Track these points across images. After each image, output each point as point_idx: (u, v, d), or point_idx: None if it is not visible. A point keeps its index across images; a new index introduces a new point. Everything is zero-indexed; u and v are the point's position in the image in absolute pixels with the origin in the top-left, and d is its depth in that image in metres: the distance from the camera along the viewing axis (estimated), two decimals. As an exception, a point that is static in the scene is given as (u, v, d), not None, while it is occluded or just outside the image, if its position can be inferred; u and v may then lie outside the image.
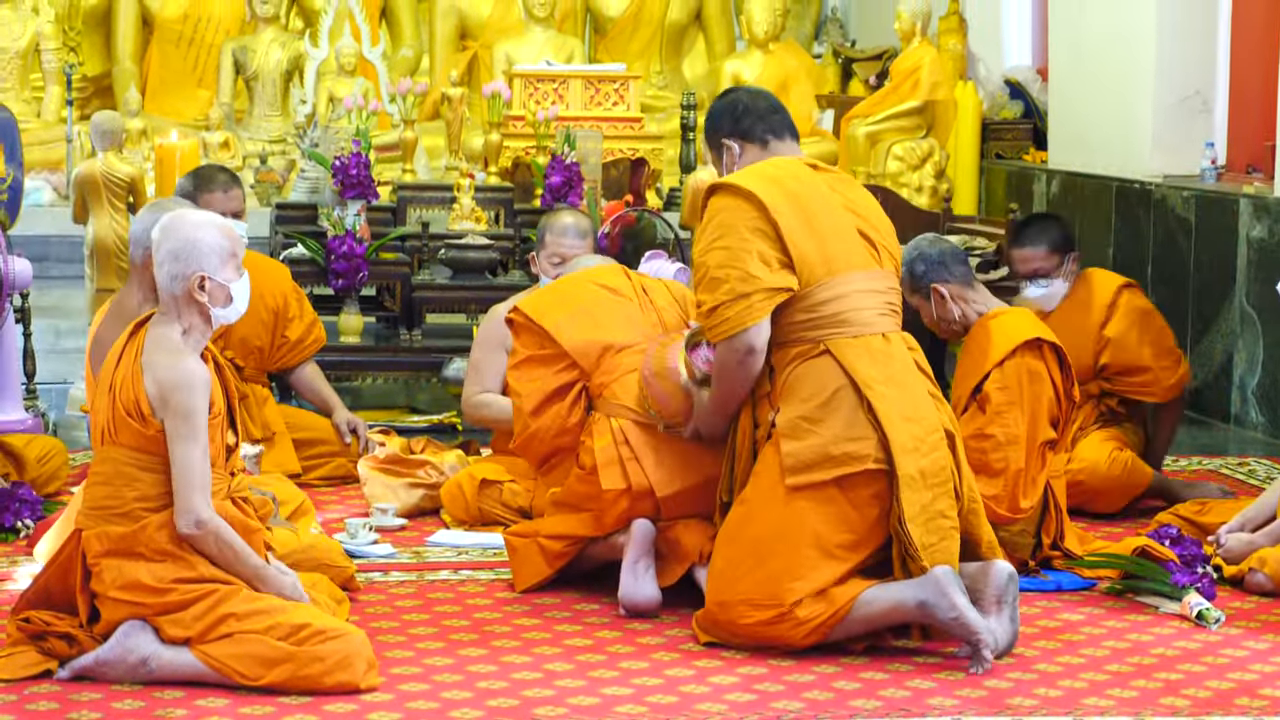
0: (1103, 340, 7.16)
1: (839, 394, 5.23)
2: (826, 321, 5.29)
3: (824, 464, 5.19)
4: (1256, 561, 5.97)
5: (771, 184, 5.36)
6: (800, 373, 5.28)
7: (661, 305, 6.08)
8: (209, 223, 5.08)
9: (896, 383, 5.26)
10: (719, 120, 5.61)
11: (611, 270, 6.23)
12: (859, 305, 5.31)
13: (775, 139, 5.56)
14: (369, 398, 9.29)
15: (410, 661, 5.14)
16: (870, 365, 5.25)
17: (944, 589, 5.08)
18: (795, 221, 5.30)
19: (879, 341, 5.31)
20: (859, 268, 5.35)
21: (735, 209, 5.35)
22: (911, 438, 5.21)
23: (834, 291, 5.29)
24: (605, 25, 14.26)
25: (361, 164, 8.68)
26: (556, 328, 5.94)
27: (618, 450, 5.73)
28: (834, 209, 5.40)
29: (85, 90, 13.46)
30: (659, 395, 5.69)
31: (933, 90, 11.92)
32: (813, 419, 5.22)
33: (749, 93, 5.72)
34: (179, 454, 4.90)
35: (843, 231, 5.37)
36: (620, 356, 5.90)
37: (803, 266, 5.27)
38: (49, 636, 4.97)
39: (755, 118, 5.56)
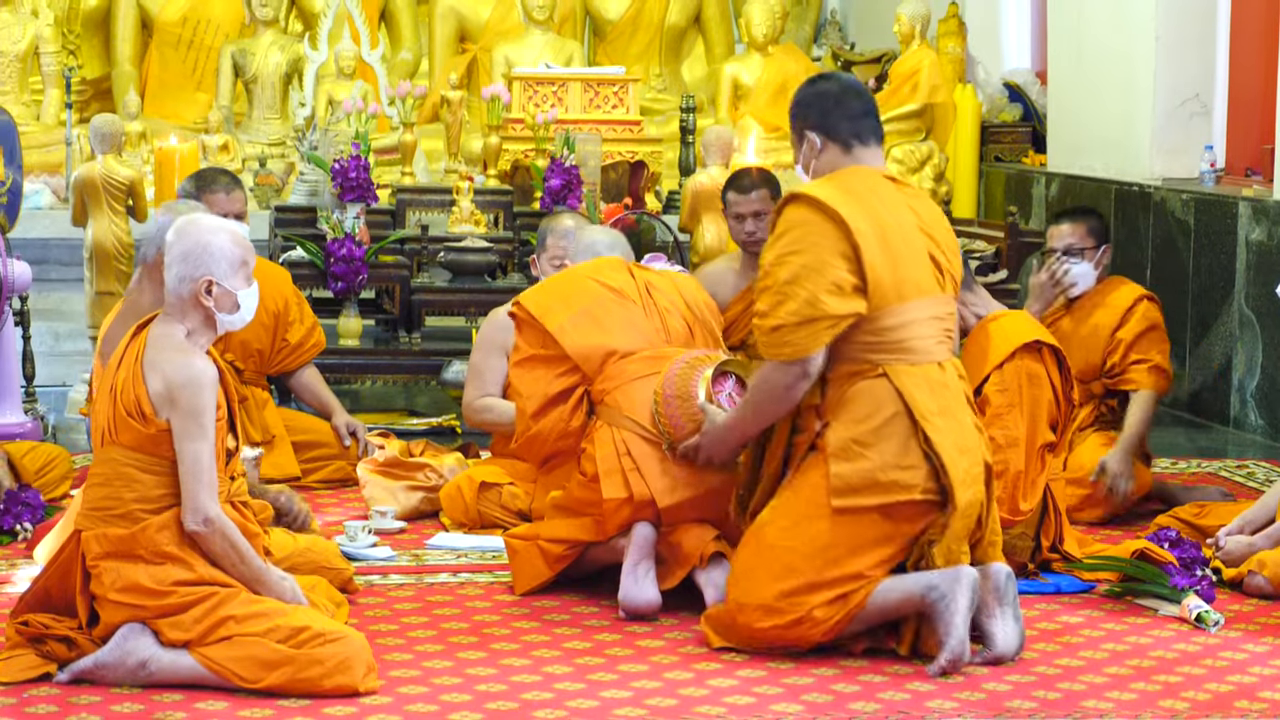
0: (1114, 342, 7.20)
1: (894, 420, 5.15)
2: (889, 347, 5.18)
3: (871, 489, 5.12)
4: (1256, 564, 5.97)
5: (856, 202, 5.20)
6: (856, 392, 5.19)
7: (665, 306, 6.04)
8: (223, 229, 5.09)
9: (950, 414, 5.20)
10: (806, 109, 5.36)
11: (615, 266, 6.15)
12: (921, 333, 5.22)
13: (860, 144, 5.35)
14: (368, 401, 9.29)
15: (409, 664, 5.14)
16: (927, 396, 5.17)
17: (959, 581, 5.08)
18: (875, 245, 5.16)
19: (935, 371, 5.23)
20: (925, 294, 5.24)
21: (816, 226, 5.17)
22: (965, 471, 5.16)
23: (900, 319, 5.19)
24: (604, 28, 14.25)
25: (361, 167, 8.68)
26: (560, 330, 5.92)
27: (619, 461, 5.72)
28: (910, 231, 5.27)
29: (84, 93, 13.45)
30: (673, 417, 5.67)
31: (932, 93, 11.92)
32: (864, 442, 5.14)
33: (843, 86, 5.40)
34: (187, 452, 4.91)
35: (916, 255, 5.25)
36: (623, 363, 5.88)
37: (875, 292, 5.15)
38: (48, 639, 4.97)
39: (845, 116, 5.33)
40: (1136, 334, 7.20)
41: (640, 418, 5.74)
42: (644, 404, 5.75)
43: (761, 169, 8.21)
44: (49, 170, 12.48)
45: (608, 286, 6.03)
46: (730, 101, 13.28)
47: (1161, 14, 10.05)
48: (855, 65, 14.04)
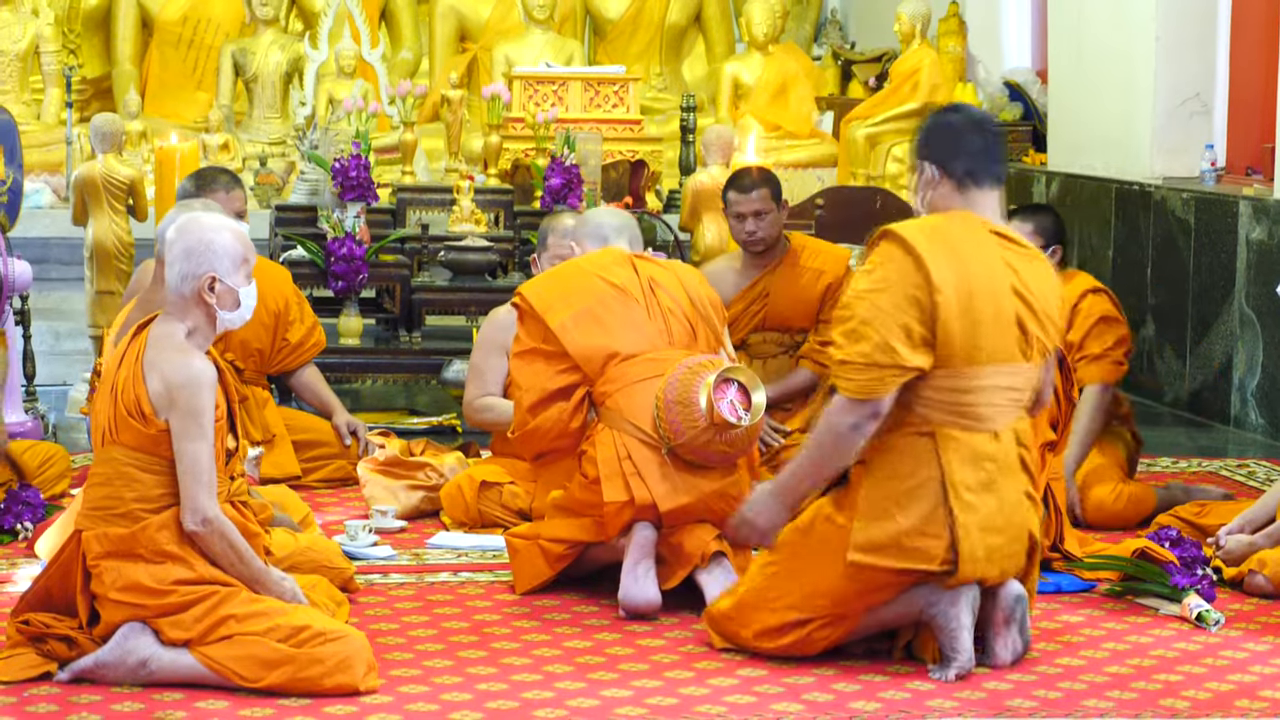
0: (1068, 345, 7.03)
1: (927, 485, 5.00)
2: (946, 408, 5.03)
3: (891, 551, 5.01)
4: (1256, 563, 5.97)
5: (949, 253, 5.03)
6: (900, 448, 5.05)
7: (668, 306, 5.99)
8: (224, 226, 5.09)
9: (992, 489, 5.04)
10: (928, 139, 5.20)
11: (619, 261, 6.07)
12: (985, 401, 5.05)
13: (975, 186, 5.16)
14: (369, 400, 9.29)
15: (410, 663, 5.14)
16: (968, 469, 5.01)
17: (959, 598, 5.04)
18: (955, 302, 4.98)
19: (987, 442, 5.05)
20: (1001, 362, 5.06)
21: (901, 266, 5.00)
22: (985, 548, 5.01)
23: (963, 384, 5.03)
24: (605, 27, 14.26)
25: (361, 166, 8.68)
26: (561, 328, 5.89)
27: (620, 465, 5.71)
28: (1000, 293, 5.06)
29: (85, 92, 13.46)
30: (674, 423, 5.67)
31: (932, 92, 11.93)
32: (895, 501, 5.02)
33: (970, 121, 5.23)
34: (186, 452, 4.91)
35: (1000, 319, 5.05)
36: (625, 366, 5.86)
37: (943, 349, 4.99)
38: (49, 638, 4.97)
39: (963, 153, 5.15)
40: (1084, 333, 7.07)
41: (641, 422, 5.74)
42: (645, 408, 5.74)
43: (762, 168, 8.21)
44: (49, 169, 12.49)
45: (611, 284, 5.98)
46: (731, 100, 13.29)
47: (1162, 13, 10.04)
48: (856, 64, 14.05)
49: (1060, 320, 5.27)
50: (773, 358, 7.88)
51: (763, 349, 7.89)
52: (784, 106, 13.26)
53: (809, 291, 7.82)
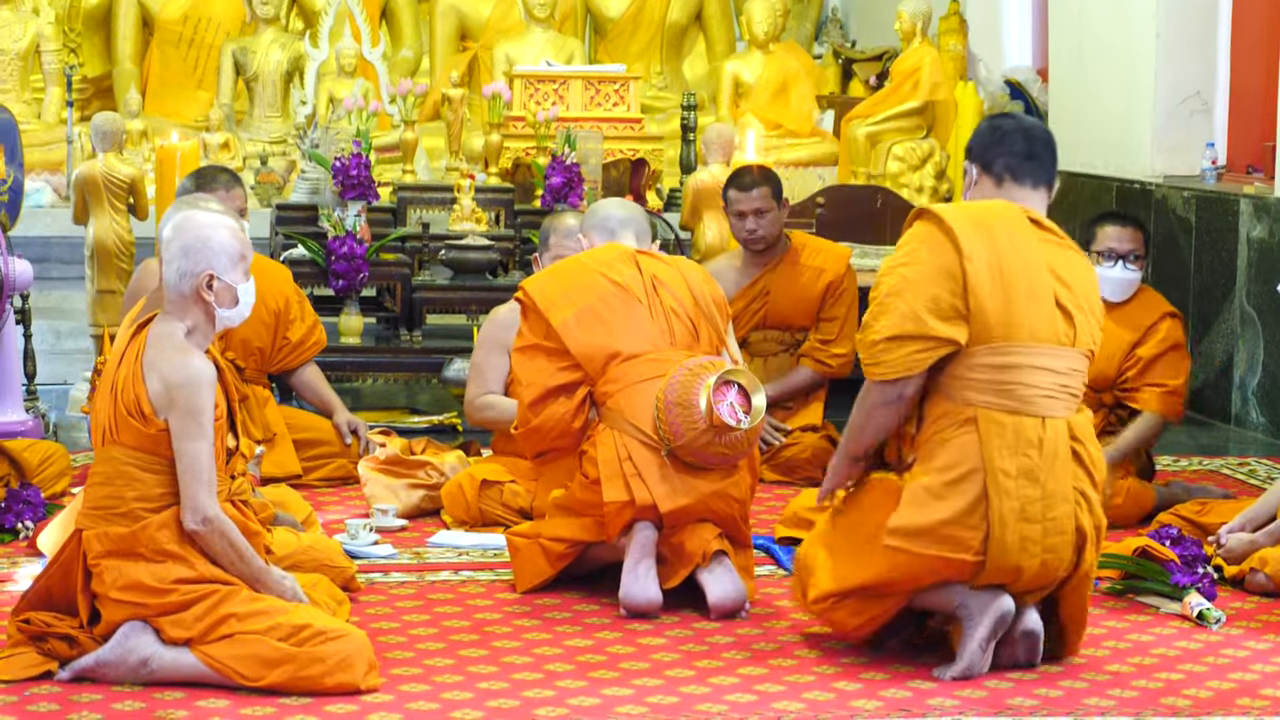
0: (1133, 357, 7.04)
1: (970, 476, 4.97)
2: (986, 387, 5.00)
3: (928, 539, 5.00)
4: (1258, 561, 5.97)
5: (977, 226, 5.05)
6: (942, 440, 5.02)
7: (671, 306, 5.97)
8: (221, 223, 5.09)
9: (1034, 478, 4.99)
10: (974, 140, 5.28)
11: (623, 258, 6.05)
12: (1027, 381, 5.01)
13: (1014, 182, 5.18)
14: (369, 399, 9.29)
15: (411, 662, 5.14)
16: (1009, 455, 4.97)
17: (987, 609, 5.01)
18: (985, 273, 5.00)
19: (1033, 427, 5.00)
20: (1043, 341, 5.03)
21: (930, 240, 5.05)
22: (1019, 536, 4.97)
23: (1004, 359, 5.00)
24: (605, 26, 14.25)
25: (362, 165, 8.68)
26: (563, 326, 5.88)
27: (621, 466, 5.71)
28: (1036, 270, 5.06)
29: (85, 91, 13.45)
30: (673, 424, 5.67)
31: (933, 91, 11.92)
32: (937, 494, 5.01)
33: (1019, 126, 5.25)
34: (186, 451, 4.91)
35: (1039, 298, 5.05)
36: (627, 366, 5.85)
37: (977, 321, 4.98)
38: (49, 638, 4.97)
39: (1005, 153, 5.18)
40: (1156, 354, 7.04)
41: (641, 423, 5.73)
42: (646, 408, 5.74)
43: (762, 167, 8.21)
44: (50, 168, 12.49)
45: (614, 282, 5.96)
46: (731, 99, 13.28)
47: (1162, 11, 10.04)
48: (856, 62, 14.05)
49: (1101, 316, 5.24)
50: (773, 356, 7.88)
51: (763, 347, 7.89)
52: (785, 105, 13.26)
53: (809, 290, 7.83)
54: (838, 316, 7.84)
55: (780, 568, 6.23)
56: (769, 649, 5.32)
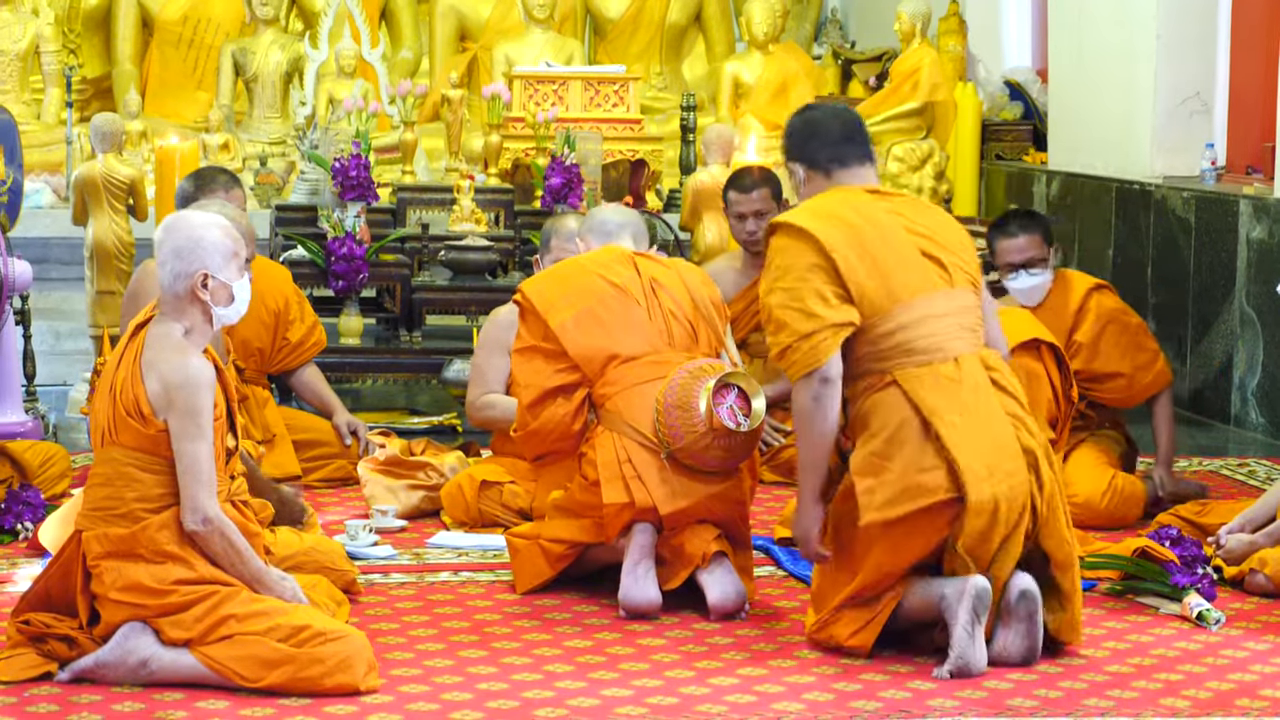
0: (1074, 345, 7.00)
1: (905, 426, 5.11)
2: (891, 352, 5.17)
3: (898, 499, 5.08)
4: (1257, 562, 5.97)
5: (828, 220, 5.25)
6: (869, 406, 5.19)
7: (670, 309, 5.97)
8: (212, 222, 5.09)
9: (968, 409, 5.12)
10: (789, 141, 5.47)
11: (621, 260, 6.05)
12: (926, 332, 5.19)
13: (840, 168, 5.39)
14: (369, 399, 9.29)
15: (410, 663, 5.14)
16: (937, 394, 5.12)
17: (965, 595, 5.04)
18: (853, 256, 5.19)
19: (949, 368, 5.16)
20: (924, 291, 5.22)
21: (792, 249, 5.25)
22: (984, 465, 5.07)
23: (896, 322, 5.18)
24: (605, 27, 14.25)
25: (361, 166, 8.68)
26: (561, 328, 5.87)
27: (620, 468, 5.71)
28: (893, 235, 5.26)
29: (85, 92, 13.45)
30: (673, 427, 5.66)
31: (932, 91, 11.92)
32: (883, 454, 5.11)
33: (826, 114, 5.48)
34: (185, 452, 4.91)
35: (905, 258, 5.24)
36: (626, 368, 5.85)
37: (863, 300, 5.17)
38: (49, 638, 4.97)
39: (822, 144, 5.39)
40: (1095, 335, 7.05)
41: (641, 425, 5.73)
42: (645, 410, 5.74)
43: (762, 168, 8.21)
44: (50, 169, 12.49)
45: (612, 283, 5.96)
46: (731, 100, 13.28)
47: (1162, 12, 10.04)
48: (856, 63, 14.05)
49: (972, 248, 5.41)
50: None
51: (763, 348, 7.87)
52: (784, 106, 13.24)
53: (809, 291, 7.81)
54: (837, 317, 7.82)
55: (780, 568, 6.22)
56: (769, 650, 5.32)
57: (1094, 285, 7.12)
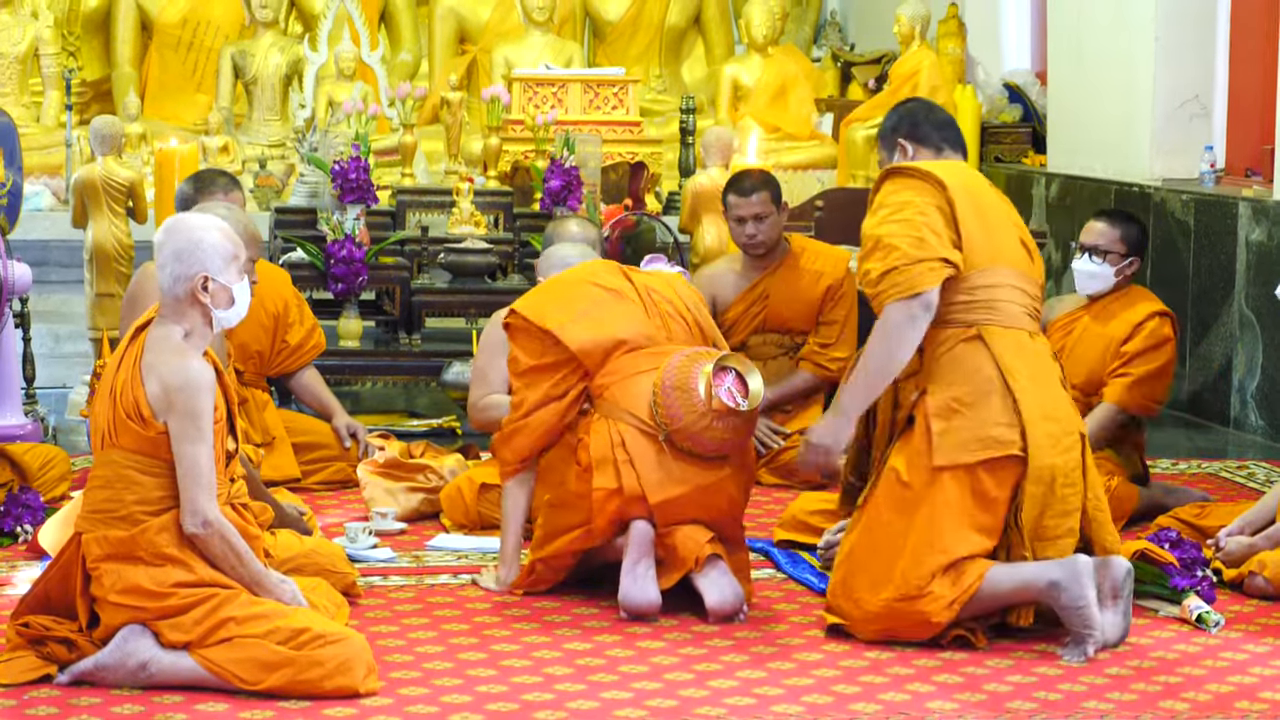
0: (1120, 355, 7.06)
1: (990, 380, 5.33)
2: (982, 306, 5.40)
3: (972, 446, 5.29)
4: (1256, 565, 5.97)
5: (949, 172, 5.52)
6: (954, 355, 5.38)
7: (666, 311, 5.97)
8: (212, 225, 5.09)
9: (1039, 380, 5.38)
10: (898, 123, 5.75)
11: (610, 270, 6.09)
12: (1011, 299, 5.44)
13: (950, 149, 5.71)
14: (368, 402, 9.29)
15: (410, 665, 5.14)
16: (1018, 358, 5.36)
17: (1080, 575, 5.23)
18: (969, 207, 5.44)
19: (1026, 338, 5.43)
20: (1015, 265, 5.49)
21: (915, 187, 5.47)
22: (1048, 435, 5.31)
23: (993, 280, 5.42)
24: (604, 29, 14.26)
25: (360, 168, 8.68)
26: (560, 329, 5.85)
27: (613, 452, 5.71)
28: (999, 207, 5.58)
29: (84, 95, 13.45)
30: (671, 408, 5.66)
31: (931, 94, 11.91)
32: (964, 401, 5.32)
33: (925, 105, 5.87)
34: (185, 454, 4.91)
35: (1008, 228, 5.54)
36: (625, 358, 5.84)
37: (969, 249, 5.40)
38: (48, 641, 4.97)
39: (932, 126, 5.73)
40: (1138, 350, 7.10)
41: (638, 411, 5.73)
42: (642, 397, 5.74)
43: (762, 171, 8.21)
44: (49, 172, 12.49)
45: (605, 288, 5.97)
46: (730, 102, 13.29)
47: (1161, 15, 10.05)
48: (855, 66, 14.06)
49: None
50: (772, 359, 7.88)
51: (762, 351, 7.89)
52: (783, 108, 13.27)
53: (809, 293, 7.83)
54: (837, 320, 7.84)
55: (779, 570, 6.23)
56: (768, 652, 5.32)
57: (1159, 310, 7.14)
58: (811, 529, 6.40)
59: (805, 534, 6.43)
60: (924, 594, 5.26)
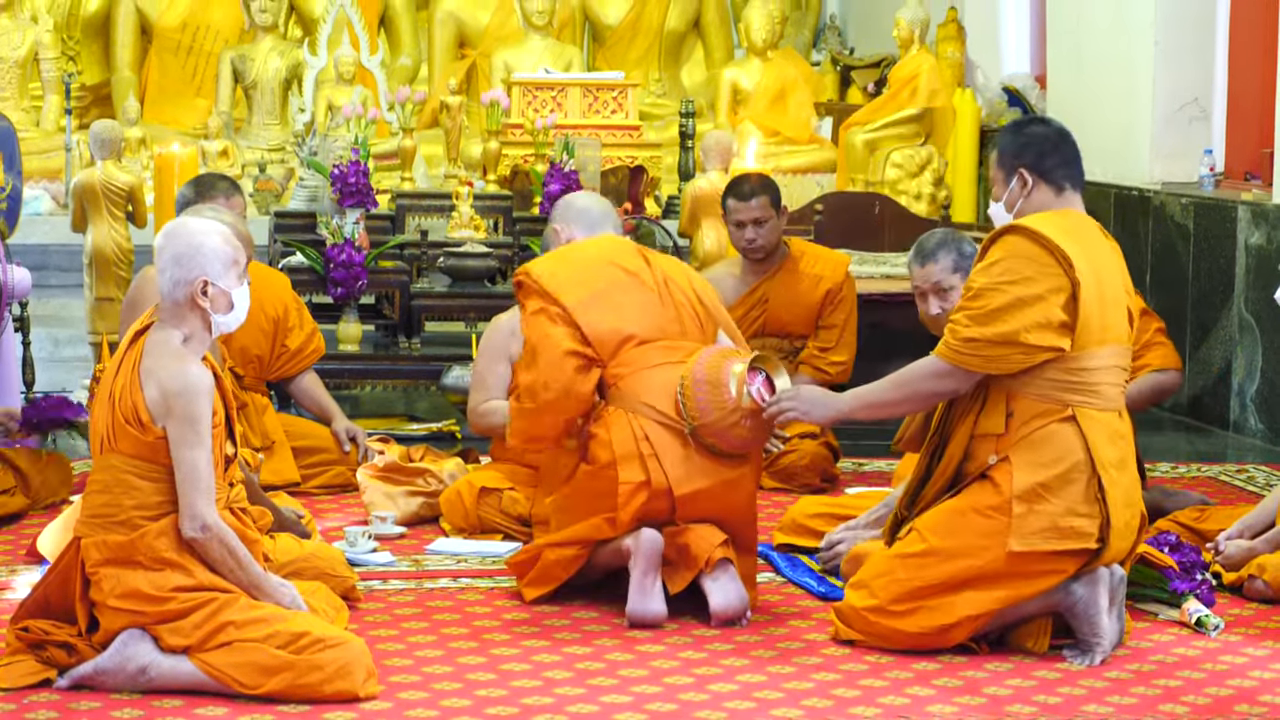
0: None
1: (1077, 467, 5.23)
2: (1083, 389, 5.26)
3: (1050, 534, 5.21)
4: (1256, 568, 5.97)
5: (1075, 242, 5.28)
6: (1045, 434, 5.25)
7: (680, 301, 5.90)
8: (212, 229, 5.09)
9: (1125, 467, 5.32)
10: (1023, 149, 5.43)
11: (629, 250, 5.98)
12: (1112, 380, 5.32)
13: (1071, 189, 5.43)
14: (368, 406, 9.29)
15: (409, 669, 5.14)
16: (1109, 446, 5.27)
17: (1097, 585, 5.26)
18: (1092, 286, 5.26)
19: (1117, 420, 5.33)
20: (1116, 342, 5.34)
21: (1037, 260, 5.24)
22: (1124, 523, 5.29)
23: (1099, 361, 5.28)
24: (604, 33, 14.26)
25: (360, 172, 8.68)
26: (576, 306, 5.75)
27: (638, 445, 5.66)
28: (1115, 276, 5.39)
29: (84, 99, 13.45)
30: (701, 401, 5.64)
31: (931, 98, 11.93)
32: (1050, 487, 5.22)
33: (1058, 132, 5.47)
34: (184, 459, 4.90)
35: (1119, 302, 5.37)
36: (640, 351, 5.77)
37: (1082, 331, 5.24)
38: (48, 645, 4.97)
39: (1061, 161, 5.41)
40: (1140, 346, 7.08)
41: (658, 403, 5.67)
42: (663, 389, 5.68)
43: (761, 175, 8.21)
44: (48, 176, 12.49)
45: (626, 270, 5.88)
46: (730, 106, 13.29)
47: (1161, 18, 10.05)
48: (854, 70, 14.05)
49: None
50: (771, 363, 7.87)
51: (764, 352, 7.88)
52: (783, 112, 13.27)
53: (808, 297, 7.83)
54: (836, 324, 7.84)
55: (779, 575, 6.23)
56: (768, 656, 5.32)
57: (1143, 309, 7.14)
58: (811, 532, 6.40)
59: (805, 537, 6.44)
60: (956, 628, 5.27)
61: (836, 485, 7.60)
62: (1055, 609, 5.32)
